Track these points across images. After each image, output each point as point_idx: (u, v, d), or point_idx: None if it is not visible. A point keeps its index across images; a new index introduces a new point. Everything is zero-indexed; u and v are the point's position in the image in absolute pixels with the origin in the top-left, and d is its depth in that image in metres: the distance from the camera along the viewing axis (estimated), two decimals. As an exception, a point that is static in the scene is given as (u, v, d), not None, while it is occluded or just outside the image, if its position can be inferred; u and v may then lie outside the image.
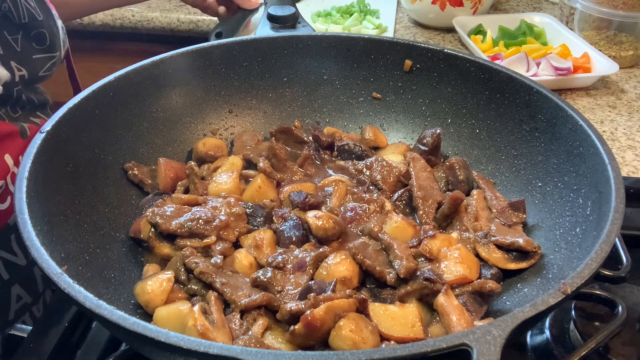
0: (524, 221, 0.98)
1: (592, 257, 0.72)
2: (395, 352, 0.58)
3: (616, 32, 1.75)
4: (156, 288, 0.85)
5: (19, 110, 1.30)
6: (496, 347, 0.59)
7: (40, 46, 1.27)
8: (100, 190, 0.98)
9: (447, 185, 1.07)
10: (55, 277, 0.69)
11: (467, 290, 0.86)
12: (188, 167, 1.06)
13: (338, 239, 0.94)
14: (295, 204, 0.98)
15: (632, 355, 0.86)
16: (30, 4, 1.23)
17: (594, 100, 1.59)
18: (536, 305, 0.65)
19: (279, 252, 0.91)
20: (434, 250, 0.90)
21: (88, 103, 0.99)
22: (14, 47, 1.21)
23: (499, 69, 1.10)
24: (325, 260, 0.88)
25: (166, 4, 2.23)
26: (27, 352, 0.89)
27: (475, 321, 0.82)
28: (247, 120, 1.23)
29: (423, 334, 0.80)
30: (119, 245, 0.95)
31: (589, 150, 0.91)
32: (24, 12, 1.21)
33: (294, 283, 0.86)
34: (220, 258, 0.89)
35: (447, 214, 0.99)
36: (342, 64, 1.23)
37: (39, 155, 0.86)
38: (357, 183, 1.08)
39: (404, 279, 0.85)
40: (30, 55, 1.25)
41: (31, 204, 0.78)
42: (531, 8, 2.16)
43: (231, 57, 1.19)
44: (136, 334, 0.62)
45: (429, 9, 1.92)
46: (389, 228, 0.93)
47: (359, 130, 1.23)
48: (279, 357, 0.58)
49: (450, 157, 1.10)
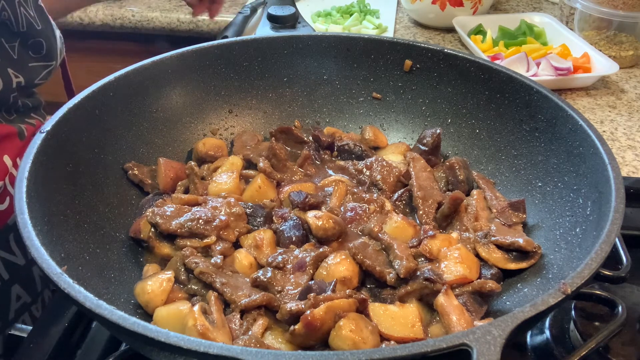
0: (524, 221, 0.98)
1: (592, 257, 0.72)
2: (395, 352, 0.58)
3: (616, 32, 1.75)
4: (156, 288, 0.85)
5: (14, 113, 1.30)
6: (496, 347, 0.59)
7: (36, 54, 1.27)
8: (100, 190, 0.98)
9: (447, 185, 1.07)
10: (55, 277, 0.69)
11: (467, 290, 0.86)
12: (188, 167, 1.06)
13: (338, 239, 0.94)
14: (295, 204, 0.98)
15: (632, 355, 0.86)
16: (30, 14, 1.24)
17: (594, 100, 1.59)
18: (536, 305, 0.65)
19: (279, 252, 0.91)
20: (434, 250, 0.90)
21: (88, 103, 0.99)
22: (10, 54, 1.22)
23: (499, 69, 1.10)
24: (325, 260, 0.88)
25: (166, 4, 2.23)
26: (27, 352, 0.89)
27: (475, 321, 0.82)
28: (247, 120, 1.23)
29: (423, 334, 0.80)
30: (119, 245, 0.95)
31: (589, 150, 0.91)
32: (23, 21, 1.21)
33: (294, 283, 0.86)
34: (220, 258, 0.89)
35: (447, 214, 0.99)
36: (342, 64, 1.23)
37: (38, 155, 0.86)
38: (357, 183, 1.08)
39: (404, 279, 0.85)
40: (27, 63, 1.26)
41: (31, 204, 0.78)
42: (531, 8, 2.16)
43: (231, 57, 1.19)
44: (136, 334, 0.62)
45: (429, 9, 1.92)
46: (389, 228, 0.93)
47: (359, 130, 1.23)
48: (279, 357, 0.58)
49: (450, 157, 1.10)
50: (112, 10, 2.17)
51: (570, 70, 1.57)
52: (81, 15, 2.17)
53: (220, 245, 0.92)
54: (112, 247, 0.93)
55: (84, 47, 2.17)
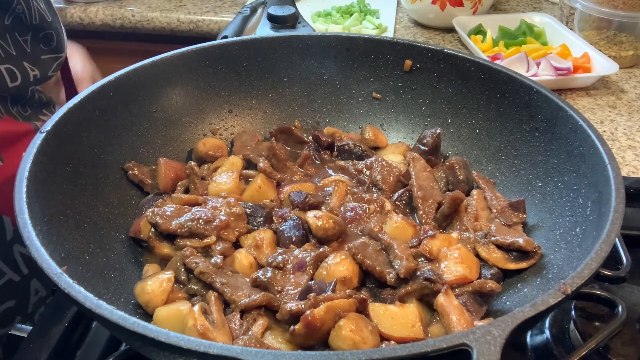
0: (524, 221, 0.98)
1: (592, 257, 0.72)
2: (395, 352, 0.58)
3: (616, 32, 1.75)
4: (156, 288, 0.85)
5: (29, 109, 1.32)
6: (496, 347, 0.59)
7: (47, 47, 1.28)
8: (100, 190, 0.98)
9: (447, 185, 1.07)
10: (55, 277, 0.69)
11: (467, 290, 0.86)
12: (188, 167, 1.06)
13: (338, 239, 0.94)
14: (295, 204, 0.98)
15: (632, 355, 0.86)
16: (41, 6, 1.25)
17: (594, 100, 1.59)
18: (536, 305, 0.65)
19: (279, 252, 0.91)
20: (434, 250, 0.90)
21: (88, 103, 0.99)
22: (24, 48, 1.23)
23: (499, 69, 1.10)
24: (325, 260, 0.88)
25: (166, 4, 2.23)
26: (27, 352, 0.89)
27: (475, 321, 0.82)
28: (247, 120, 1.23)
29: (423, 334, 0.80)
30: (119, 245, 0.95)
31: (589, 150, 0.91)
32: (35, 14, 1.22)
33: (294, 283, 0.86)
34: (220, 258, 0.89)
35: (447, 214, 0.99)
36: (342, 64, 1.23)
37: (39, 155, 0.86)
38: (357, 183, 1.08)
39: (404, 279, 0.85)
40: (39, 55, 1.27)
41: (31, 204, 0.78)
42: (531, 8, 2.16)
43: (231, 57, 1.19)
44: (136, 333, 0.62)
45: (429, 9, 1.92)
46: (388, 228, 0.93)
47: (359, 130, 1.23)
48: (279, 357, 0.58)
49: (450, 157, 1.10)
50: (112, 10, 2.17)
51: (570, 70, 1.57)
52: (81, 15, 2.17)
53: (220, 245, 0.92)
54: (112, 247, 0.93)
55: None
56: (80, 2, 2.20)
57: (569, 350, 0.88)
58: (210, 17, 2.13)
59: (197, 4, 2.23)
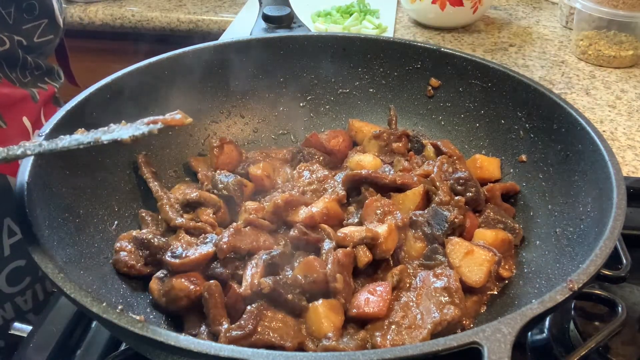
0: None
1: (597, 253, 0.72)
2: (406, 351, 0.59)
3: (616, 32, 1.75)
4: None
5: (28, 76, 1.31)
6: (506, 344, 0.59)
7: (29, 16, 1.27)
8: (99, 193, 0.98)
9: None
10: (57, 281, 0.69)
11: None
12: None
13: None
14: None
15: (632, 355, 0.86)
16: None
17: (594, 100, 1.58)
18: (544, 302, 0.65)
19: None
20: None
21: (87, 104, 0.99)
22: (6, 20, 1.22)
23: (495, 67, 1.11)
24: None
25: (166, 4, 2.23)
26: (27, 352, 0.89)
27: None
28: (243, 122, 1.23)
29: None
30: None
31: (588, 148, 0.91)
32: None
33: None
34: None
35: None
36: (339, 63, 1.23)
37: (38, 159, 0.85)
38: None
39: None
40: (20, 26, 1.26)
41: (31, 208, 0.78)
42: (531, 8, 2.16)
43: (228, 58, 1.19)
44: (136, 334, 0.62)
45: (429, 9, 1.92)
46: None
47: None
48: (290, 358, 0.59)
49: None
50: (112, 10, 2.17)
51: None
52: (81, 15, 2.18)
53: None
54: (112, 250, 0.93)
55: (83, 47, 2.17)
56: (80, 1, 2.20)
57: (569, 350, 0.88)
58: (210, 17, 2.13)
59: (197, 4, 2.23)
